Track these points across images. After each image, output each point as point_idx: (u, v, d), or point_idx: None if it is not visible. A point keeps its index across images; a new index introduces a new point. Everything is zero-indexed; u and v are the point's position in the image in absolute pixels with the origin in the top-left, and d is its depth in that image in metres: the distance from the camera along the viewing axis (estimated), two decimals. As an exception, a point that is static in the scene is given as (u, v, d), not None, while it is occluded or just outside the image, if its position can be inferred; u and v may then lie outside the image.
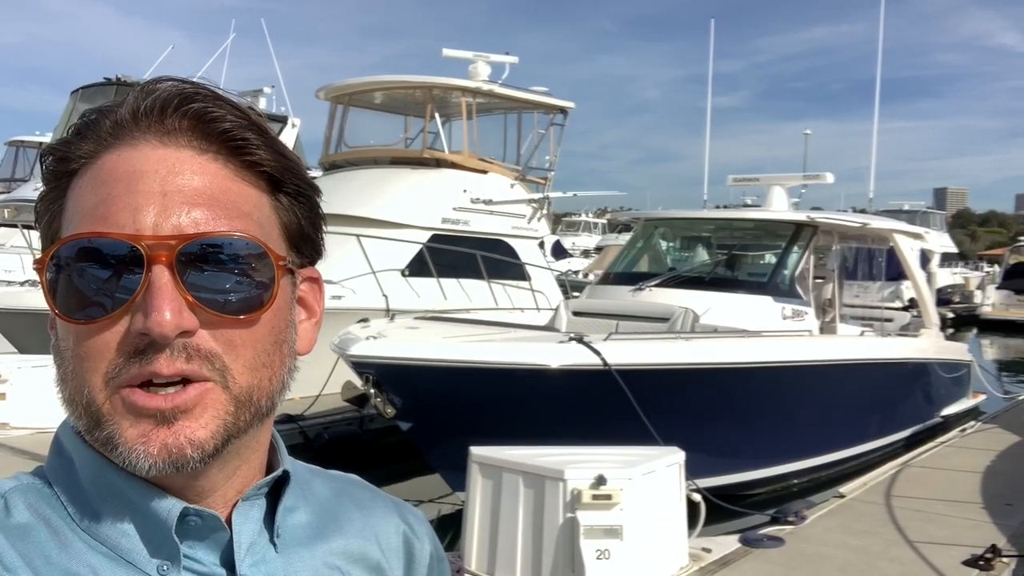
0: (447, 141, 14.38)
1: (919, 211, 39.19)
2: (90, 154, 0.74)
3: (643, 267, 11.34)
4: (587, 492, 4.81)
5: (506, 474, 5.17)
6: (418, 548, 0.92)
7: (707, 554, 5.62)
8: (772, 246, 11.00)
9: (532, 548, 5.01)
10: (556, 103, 15.30)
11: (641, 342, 7.76)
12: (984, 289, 34.07)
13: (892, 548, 5.90)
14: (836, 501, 7.14)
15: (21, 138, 24.00)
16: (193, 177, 0.72)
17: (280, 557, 0.79)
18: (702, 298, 9.45)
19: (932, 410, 11.68)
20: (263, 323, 0.74)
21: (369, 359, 6.87)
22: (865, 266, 12.31)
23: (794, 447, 8.91)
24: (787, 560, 5.67)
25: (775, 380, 8.46)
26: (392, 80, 14.63)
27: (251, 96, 21.20)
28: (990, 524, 6.40)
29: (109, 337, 0.70)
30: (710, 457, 7.28)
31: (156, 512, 0.73)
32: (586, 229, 54.71)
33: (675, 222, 12.33)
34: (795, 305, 9.88)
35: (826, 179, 12.59)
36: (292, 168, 0.79)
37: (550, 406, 6.94)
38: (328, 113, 14.91)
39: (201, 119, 0.74)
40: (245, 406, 0.73)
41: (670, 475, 5.36)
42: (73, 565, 0.71)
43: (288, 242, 0.79)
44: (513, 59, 15.08)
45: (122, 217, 0.70)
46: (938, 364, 11.64)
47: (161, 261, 0.69)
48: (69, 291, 0.71)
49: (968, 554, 5.64)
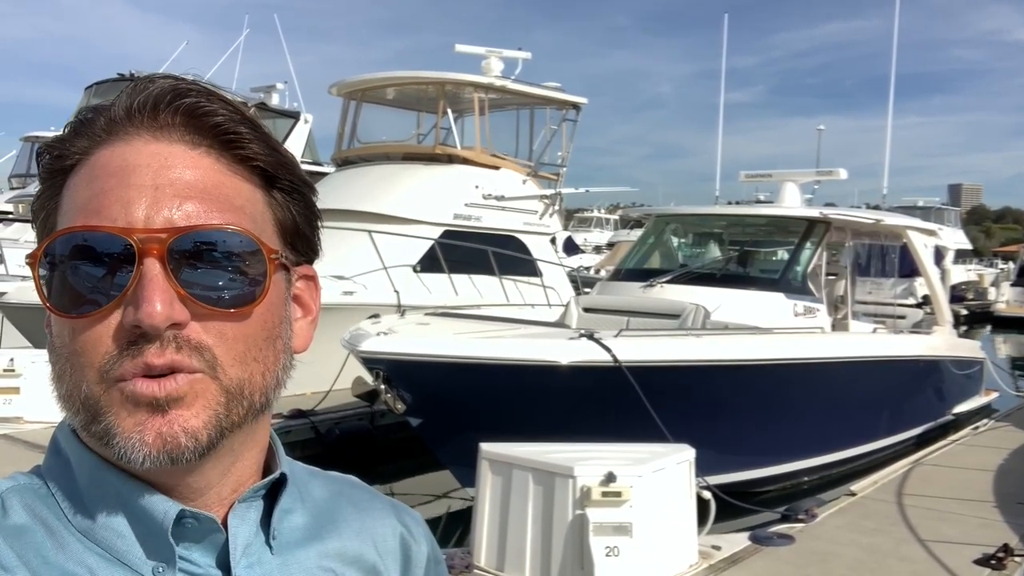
0: (459, 137, 14.39)
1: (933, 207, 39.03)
2: (84, 150, 0.75)
3: (654, 263, 11.31)
4: (597, 489, 4.82)
5: (516, 471, 5.18)
6: (415, 550, 0.92)
7: (717, 552, 5.61)
8: (784, 242, 10.96)
9: (541, 545, 5.01)
10: (569, 99, 15.28)
11: (652, 339, 7.75)
12: (998, 286, 33.92)
13: (903, 546, 5.88)
14: (847, 499, 7.12)
15: (36, 133, 24.15)
16: (185, 171, 0.73)
17: (276, 559, 0.79)
18: (713, 295, 9.43)
19: (944, 408, 11.63)
20: (255, 317, 0.74)
21: (379, 355, 6.88)
22: (878, 263, 12.27)
23: (805, 444, 8.89)
24: (797, 558, 5.66)
25: (786, 377, 8.44)
26: (405, 76, 14.64)
27: (264, 92, 21.31)
28: (1002, 523, 6.37)
29: (102, 331, 0.70)
30: (720, 454, 7.27)
31: (152, 514, 0.73)
32: (598, 225, 54.65)
33: (687, 218, 12.30)
34: (807, 302, 9.84)
35: (839, 175, 12.54)
36: (286, 164, 0.79)
37: (560, 403, 6.94)
38: (341, 109, 14.95)
39: (193, 114, 0.74)
40: (236, 399, 0.73)
41: (680, 472, 5.35)
42: (70, 565, 0.71)
43: (282, 238, 0.79)
44: (526, 55, 15.07)
45: (114, 211, 0.70)
46: (950, 361, 11.58)
47: (152, 254, 0.69)
48: (62, 286, 0.71)
49: (980, 553, 5.62)
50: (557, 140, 15.34)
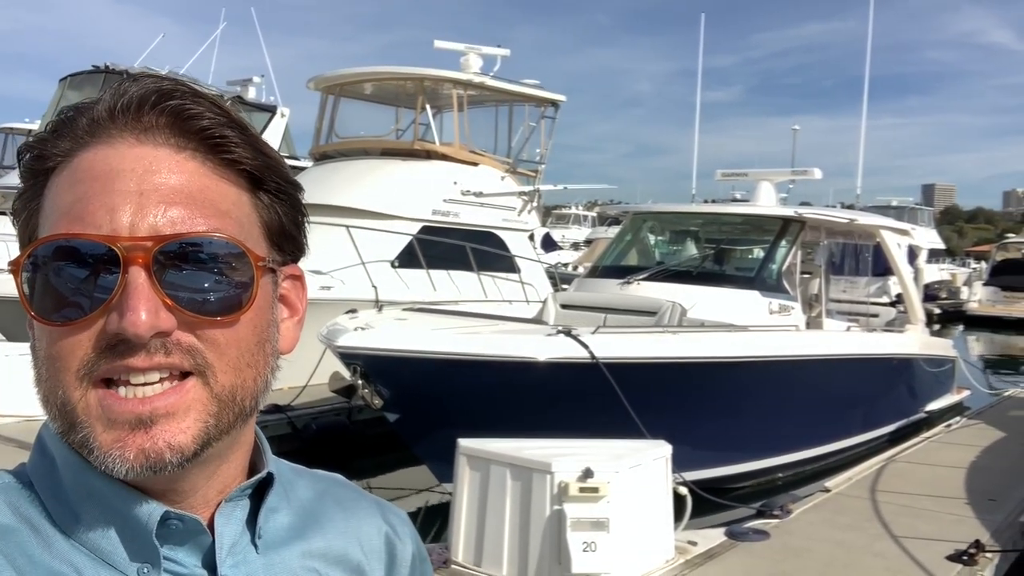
0: (438, 133, 14.35)
1: (907, 207, 39.41)
2: (67, 152, 0.73)
3: (631, 261, 11.36)
4: (574, 485, 4.83)
5: (494, 466, 5.19)
6: (400, 549, 0.92)
7: (693, 547, 5.65)
8: (760, 241, 11.04)
9: (519, 540, 5.03)
10: (547, 96, 15.29)
11: (629, 336, 7.79)
12: (971, 285, 34.23)
13: (876, 542, 5.95)
14: (821, 495, 7.18)
15: (11, 125, 23.87)
16: (170, 176, 0.72)
17: (261, 558, 0.79)
18: (690, 292, 9.48)
19: (916, 405, 11.76)
20: (245, 323, 0.74)
21: (357, 350, 6.87)
22: (852, 261, 12.39)
23: (779, 441, 8.96)
24: (772, 553, 5.70)
25: (761, 374, 8.50)
26: (383, 71, 14.58)
27: (240, 86, 21.13)
28: (974, 519, 6.45)
29: (83, 337, 0.69)
30: (696, 450, 7.31)
31: (137, 516, 0.73)
32: (576, 222, 54.74)
33: (663, 216, 12.36)
34: (782, 300, 9.91)
35: (814, 175, 12.64)
36: (273, 166, 0.78)
37: (538, 399, 6.95)
38: (319, 104, 14.87)
39: (179, 116, 0.73)
40: (228, 406, 0.73)
41: (657, 468, 5.38)
42: (56, 564, 0.71)
43: (269, 240, 0.78)
44: (505, 51, 15.06)
45: (98, 216, 0.69)
46: (923, 360, 11.70)
47: (138, 262, 0.68)
48: (45, 292, 0.70)
49: (952, 549, 5.69)
50: (536, 137, 15.36)
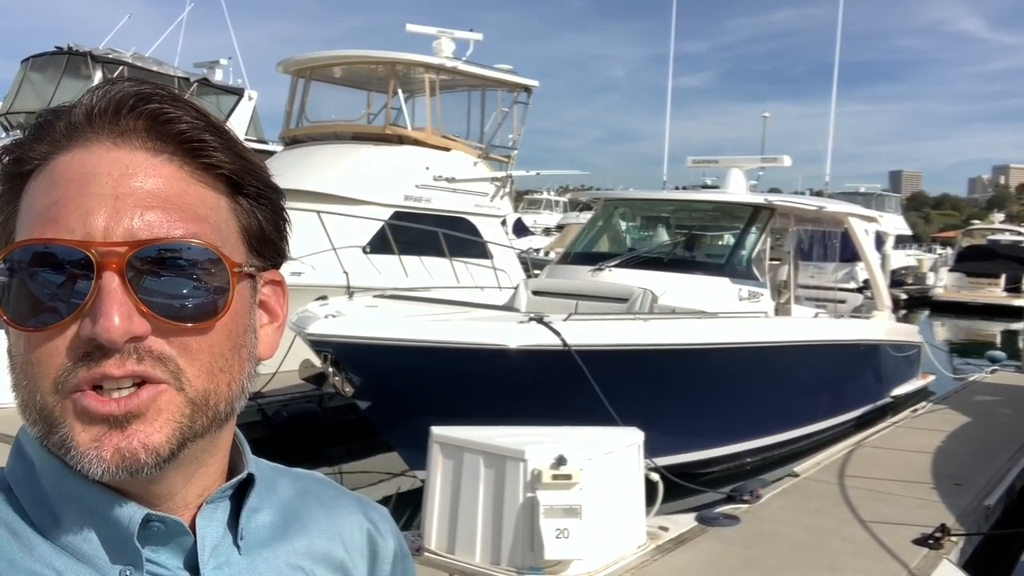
0: (410, 118, 14.27)
1: (875, 193, 39.89)
2: (44, 155, 0.73)
3: (603, 247, 11.39)
4: (547, 472, 4.85)
5: (467, 454, 5.19)
6: (382, 546, 0.92)
7: (664, 532, 5.69)
8: (730, 228, 11.12)
9: (492, 527, 5.04)
10: (520, 81, 15.25)
11: (600, 323, 7.82)
12: (937, 271, 34.73)
13: (845, 527, 6.03)
14: (790, 480, 7.26)
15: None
16: (147, 179, 0.71)
17: (244, 559, 0.79)
18: (661, 279, 9.52)
19: (883, 390, 11.92)
20: (219, 328, 0.73)
21: (327, 338, 6.83)
22: (820, 248, 12.53)
23: (748, 426, 9.05)
24: (742, 538, 5.76)
25: (731, 361, 8.58)
26: (355, 55, 14.47)
27: (207, 68, 20.87)
28: (940, 504, 6.55)
29: (59, 343, 0.69)
30: (667, 436, 7.37)
31: (118, 518, 0.72)
32: (548, 207, 54.72)
33: (635, 203, 12.40)
34: (751, 287, 9.99)
35: (783, 162, 12.72)
36: (252, 170, 0.77)
37: (510, 386, 6.96)
38: (289, 87, 14.74)
39: (156, 120, 0.72)
40: (201, 410, 0.72)
41: (629, 455, 5.42)
42: (38, 568, 0.71)
43: (248, 245, 0.78)
44: (478, 36, 14.98)
45: (72, 220, 0.69)
46: (889, 345, 11.86)
47: (111, 268, 0.67)
48: (19, 297, 0.69)
49: (918, 533, 5.78)
50: (508, 122, 15.31)
